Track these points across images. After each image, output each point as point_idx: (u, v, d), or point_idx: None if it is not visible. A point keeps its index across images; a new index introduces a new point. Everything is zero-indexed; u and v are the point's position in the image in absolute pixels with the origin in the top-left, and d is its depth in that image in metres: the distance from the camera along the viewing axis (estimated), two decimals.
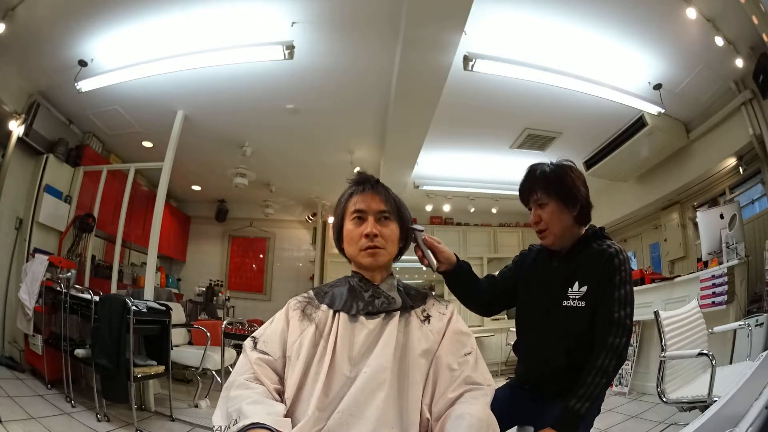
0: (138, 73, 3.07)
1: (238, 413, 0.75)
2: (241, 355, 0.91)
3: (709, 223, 3.31)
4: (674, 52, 2.89)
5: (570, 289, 1.16)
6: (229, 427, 0.75)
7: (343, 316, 0.91)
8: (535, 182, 1.22)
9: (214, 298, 5.77)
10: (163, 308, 3.01)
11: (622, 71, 3.08)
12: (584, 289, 1.14)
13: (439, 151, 4.39)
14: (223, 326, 3.72)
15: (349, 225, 0.98)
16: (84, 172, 3.95)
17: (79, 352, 2.72)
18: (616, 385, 3.75)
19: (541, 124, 3.86)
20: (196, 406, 3.16)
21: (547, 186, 1.19)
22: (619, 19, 2.65)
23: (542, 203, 1.20)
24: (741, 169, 3.52)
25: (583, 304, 1.13)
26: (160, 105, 3.59)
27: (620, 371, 3.75)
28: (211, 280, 6.14)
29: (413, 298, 0.97)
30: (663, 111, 3.34)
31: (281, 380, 0.87)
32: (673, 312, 2.14)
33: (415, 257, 1.22)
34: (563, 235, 1.20)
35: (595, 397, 1.04)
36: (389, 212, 0.97)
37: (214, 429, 0.78)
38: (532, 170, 1.25)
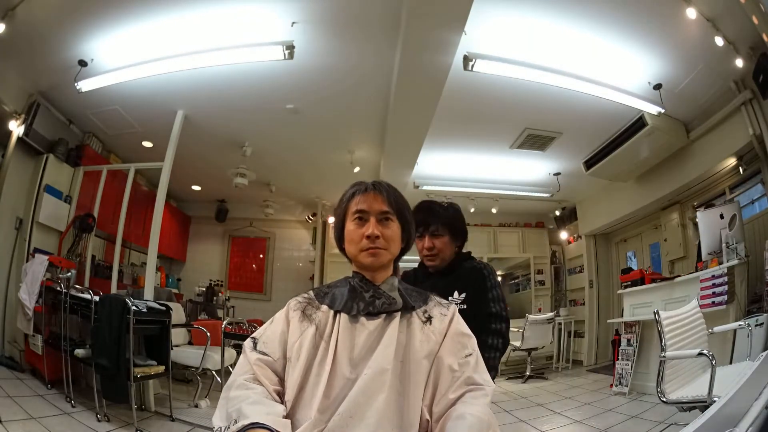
0: (138, 73, 3.06)
1: (238, 413, 0.75)
2: (241, 356, 0.91)
3: (709, 223, 3.31)
4: (674, 52, 2.89)
5: (450, 297, 1.45)
6: (228, 428, 0.75)
7: (343, 316, 0.90)
8: (436, 217, 1.51)
9: (214, 298, 5.77)
10: (163, 308, 3.01)
11: (622, 71, 3.08)
12: (464, 295, 1.45)
13: (439, 151, 4.39)
14: (223, 326, 3.72)
15: (350, 225, 0.97)
16: (84, 172, 3.95)
17: (79, 352, 2.72)
18: (616, 385, 3.75)
19: (541, 124, 3.86)
20: (196, 406, 3.16)
21: (446, 222, 1.51)
22: (619, 20, 2.65)
23: (438, 234, 1.49)
24: (741, 169, 3.52)
25: (465, 306, 1.42)
26: (160, 105, 3.59)
27: (620, 371, 3.75)
28: (211, 280, 6.14)
29: (414, 299, 0.96)
30: (663, 111, 3.34)
31: (281, 381, 0.87)
32: (673, 312, 2.14)
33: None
34: (448, 258, 1.52)
35: (493, 367, 1.31)
36: (391, 213, 0.97)
37: (214, 429, 0.78)
38: (431, 206, 1.54)
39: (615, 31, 2.73)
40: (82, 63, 3.06)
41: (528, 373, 4.83)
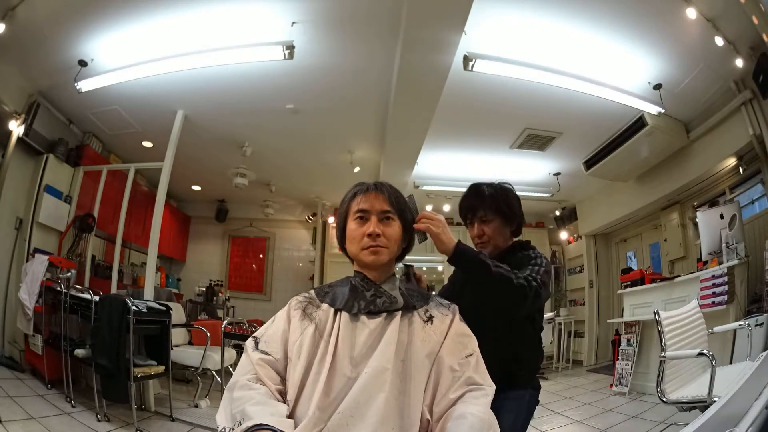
0: (138, 73, 3.06)
1: (242, 414, 0.76)
2: (243, 355, 0.91)
3: (709, 223, 3.31)
4: (674, 52, 2.89)
5: None
6: (233, 429, 0.75)
7: (344, 315, 0.91)
8: (482, 201, 1.36)
9: (214, 298, 5.77)
10: (163, 308, 3.01)
11: (622, 71, 3.08)
12: None
13: (439, 151, 4.39)
14: (223, 326, 3.71)
15: (352, 224, 0.98)
16: (84, 172, 3.95)
17: (79, 352, 2.71)
18: (616, 385, 3.75)
19: (541, 124, 3.86)
20: (196, 406, 3.16)
21: (493, 205, 1.34)
22: (619, 19, 2.65)
23: (487, 220, 1.34)
24: (741, 169, 3.52)
25: None
26: (160, 105, 3.59)
27: (620, 371, 3.76)
28: (211, 280, 6.15)
29: (415, 299, 0.96)
30: (663, 111, 3.34)
31: (283, 380, 0.87)
32: (673, 312, 2.14)
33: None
34: (502, 246, 1.35)
35: (489, 271, 1.06)
36: (392, 212, 0.98)
37: (219, 430, 0.79)
38: (478, 189, 1.39)
39: (615, 31, 2.73)
40: (82, 63, 3.05)
41: None
